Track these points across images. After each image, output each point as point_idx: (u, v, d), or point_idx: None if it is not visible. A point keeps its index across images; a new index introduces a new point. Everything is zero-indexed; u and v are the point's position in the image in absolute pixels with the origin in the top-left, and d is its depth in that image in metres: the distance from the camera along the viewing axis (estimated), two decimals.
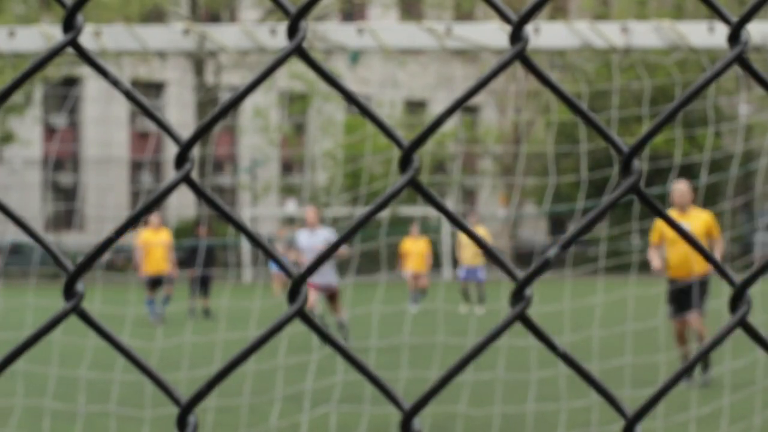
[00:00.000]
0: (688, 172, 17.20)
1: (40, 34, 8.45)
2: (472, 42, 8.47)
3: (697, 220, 13.29)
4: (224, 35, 8.71)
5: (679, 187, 13.43)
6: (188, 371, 13.54)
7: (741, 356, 13.65)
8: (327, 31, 8.56)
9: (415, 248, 29.07)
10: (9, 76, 37.36)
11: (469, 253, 27.40)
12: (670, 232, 13.07)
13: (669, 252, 13.34)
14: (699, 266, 13.18)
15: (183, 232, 42.99)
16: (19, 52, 8.47)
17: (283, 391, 12.34)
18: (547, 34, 8.47)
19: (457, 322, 23.10)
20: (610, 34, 8.61)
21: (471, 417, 11.20)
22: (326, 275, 17.96)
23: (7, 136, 49.86)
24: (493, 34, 8.53)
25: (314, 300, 17.93)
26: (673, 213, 13.26)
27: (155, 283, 24.79)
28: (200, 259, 26.07)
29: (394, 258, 40.34)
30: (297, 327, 13.20)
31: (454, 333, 18.11)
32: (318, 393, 12.41)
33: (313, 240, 18.04)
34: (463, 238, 27.76)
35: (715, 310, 14.69)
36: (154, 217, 25.03)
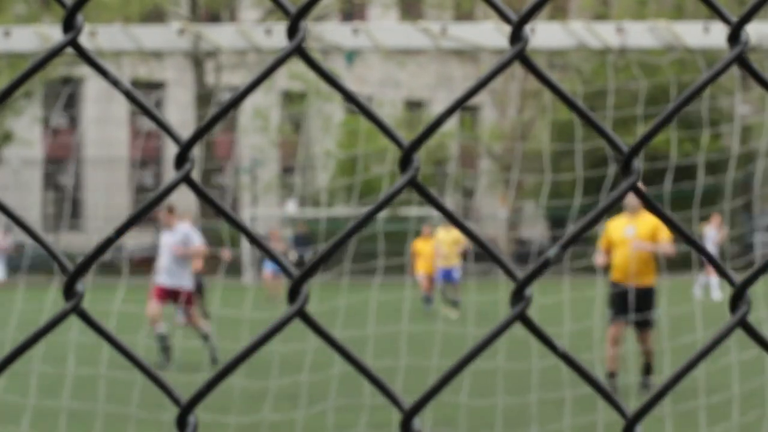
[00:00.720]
0: (688, 172, 17.17)
1: (36, 34, 8.45)
2: (467, 42, 8.47)
3: (644, 225, 13.22)
4: (220, 35, 8.71)
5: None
6: (182, 373, 13.55)
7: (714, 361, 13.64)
8: (323, 31, 8.56)
9: (427, 248, 27.76)
10: (6, 76, 37.34)
11: (443, 254, 26.39)
12: (615, 236, 13.17)
13: (614, 255, 13.28)
14: (643, 278, 13.17)
15: None
16: (14, 52, 8.47)
17: (277, 390, 12.33)
18: (542, 34, 8.47)
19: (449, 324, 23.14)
20: (605, 34, 8.61)
21: (474, 408, 11.21)
22: (177, 276, 16.31)
23: (5, 136, 49.87)
24: (488, 33, 8.53)
25: (158, 313, 16.05)
26: (623, 216, 13.35)
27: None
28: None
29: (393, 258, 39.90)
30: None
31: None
32: (314, 388, 12.42)
33: (170, 239, 16.44)
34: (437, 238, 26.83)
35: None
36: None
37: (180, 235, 16.39)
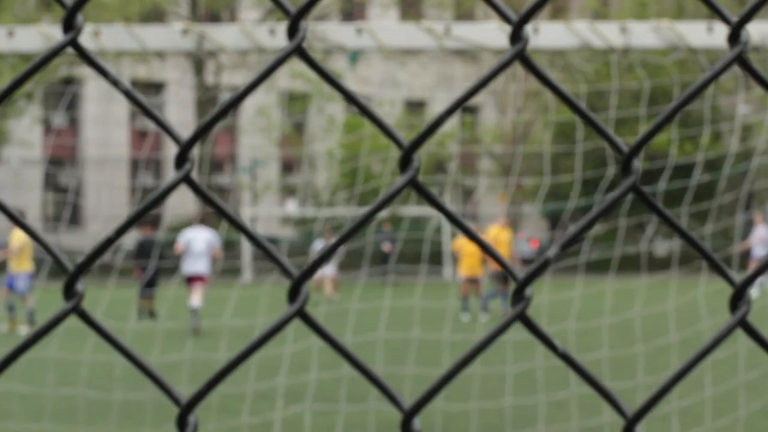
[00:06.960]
0: (687, 172, 17.18)
1: (39, 34, 8.45)
2: (471, 42, 8.46)
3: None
4: (223, 35, 8.71)
5: None
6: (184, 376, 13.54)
7: (722, 349, 13.61)
8: (326, 31, 8.56)
9: (470, 247, 24.01)
10: (8, 77, 37.33)
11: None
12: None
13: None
14: None
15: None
16: (18, 52, 8.47)
17: (255, 386, 12.29)
18: (546, 34, 8.47)
19: (457, 322, 23.13)
20: (609, 34, 8.61)
21: (483, 410, 11.20)
22: None
23: (5, 136, 49.86)
24: (492, 33, 8.53)
25: None
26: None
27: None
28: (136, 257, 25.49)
29: (384, 256, 39.95)
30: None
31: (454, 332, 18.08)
32: (292, 390, 12.40)
33: None
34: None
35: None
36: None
37: None
